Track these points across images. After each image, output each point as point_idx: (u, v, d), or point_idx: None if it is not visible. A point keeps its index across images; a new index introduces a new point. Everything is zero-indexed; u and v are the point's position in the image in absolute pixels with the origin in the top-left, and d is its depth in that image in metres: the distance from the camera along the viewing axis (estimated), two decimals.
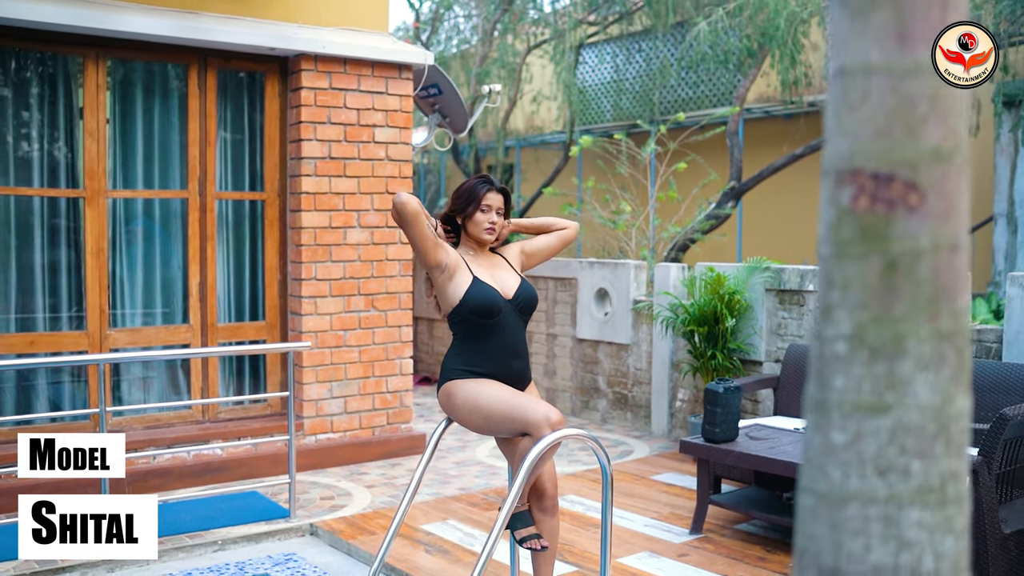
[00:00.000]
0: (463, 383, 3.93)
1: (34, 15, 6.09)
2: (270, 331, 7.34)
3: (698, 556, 5.28)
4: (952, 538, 1.10)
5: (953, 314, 1.10)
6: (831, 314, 1.13)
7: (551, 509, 3.97)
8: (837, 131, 1.10)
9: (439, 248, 3.90)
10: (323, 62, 7.14)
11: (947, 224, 1.09)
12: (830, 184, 1.12)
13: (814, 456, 1.14)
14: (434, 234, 3.89)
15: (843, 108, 1.10)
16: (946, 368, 1.10)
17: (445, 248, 3.94)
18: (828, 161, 1.11)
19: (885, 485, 1.10)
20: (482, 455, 7.61)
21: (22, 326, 6.57)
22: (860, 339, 1.12)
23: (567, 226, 4.36)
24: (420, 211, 3.82)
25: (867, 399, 1.11)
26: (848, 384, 1.11)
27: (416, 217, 3.79)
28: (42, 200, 6.65)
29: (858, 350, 1.12)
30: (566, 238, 4.34)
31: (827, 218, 1.13)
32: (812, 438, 1.14)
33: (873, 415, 1.11)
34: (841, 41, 1.10)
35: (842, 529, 1.11)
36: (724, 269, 7.58)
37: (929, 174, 1.07)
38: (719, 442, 5.55)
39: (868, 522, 1.10)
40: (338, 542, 5.62)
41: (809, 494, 1.16)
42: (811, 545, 1.14)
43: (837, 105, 1.11)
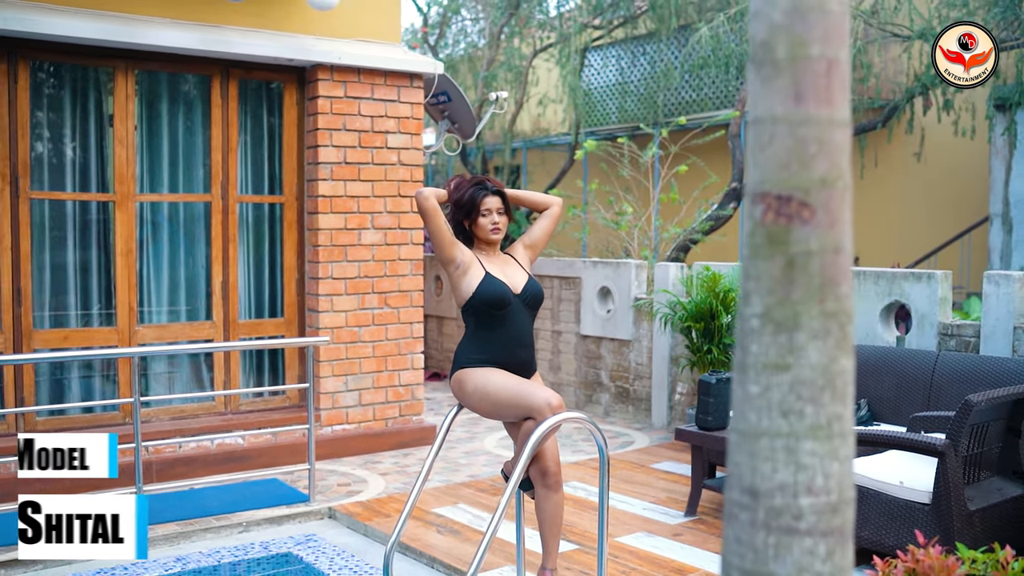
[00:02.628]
0: (473, 371, 4.32)
1: (68, 30, 6.50)
2: (288, 327, 7.74)
3: (691, 536, 5.67)
4: (837, 463, 1.50)
5: (837, 298, 1.50)
6: (748, 298, 1.53)
7: (554, 485, 4.35)
8: (753, 164, 1.50)
9: (455, 246, 4.32)
10: (339, 72, 7.54)
11: (831, 232, 1.49)
12: (748, 203, 1.51)
13: (738, 404, 1.54)
14: (451, 232, 4.32)
15: (756, 147, 1.49)
16: (831, 338, 1.50)
17: (460, 247, 4.35)
18: (748, 186, 1.51)
19: (787, 424, 1.50)
20: (490, 446, 8.01)
21: (56, 323, 6.98)
22: (768, 316, 1.51)
23: (551, 203, 4.68)
24: (437, 209, 4.25)
25: (773, 360, 1.51)
26: (760, 349, 1.51)
27: (432, 213, 4.25)
28: (74, 204, 7.05)
29: (767, 324, 1.51)
30: (555, 216, 4.69)
31: (747, 228, 1.52)
32: (736, 390, 1.54)
33: (778, 372, 1.50)
34: (754, 98, 1.49)
35: (757, 457, 1.51)
36: (720, 268, 7.96)
37: (818, 196, 1.47)
38: (712, 430, 5.93)
39: (775, 451, 1.50)
40: (355, 524, 6.01)
41: (735, 432, 1.56)
42: (736, 470, 1.54)
43: (752, 145, 1.50)
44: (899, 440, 4.90)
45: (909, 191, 13.68)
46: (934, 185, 13.60)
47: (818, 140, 1.46)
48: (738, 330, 1.55)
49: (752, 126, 1.51)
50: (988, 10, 11.15)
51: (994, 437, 5.09)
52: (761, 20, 1.51)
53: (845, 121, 1.50)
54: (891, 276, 6.84)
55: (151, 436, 6.85)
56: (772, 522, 1.50)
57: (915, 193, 13.67)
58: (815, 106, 1.45)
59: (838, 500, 1.51)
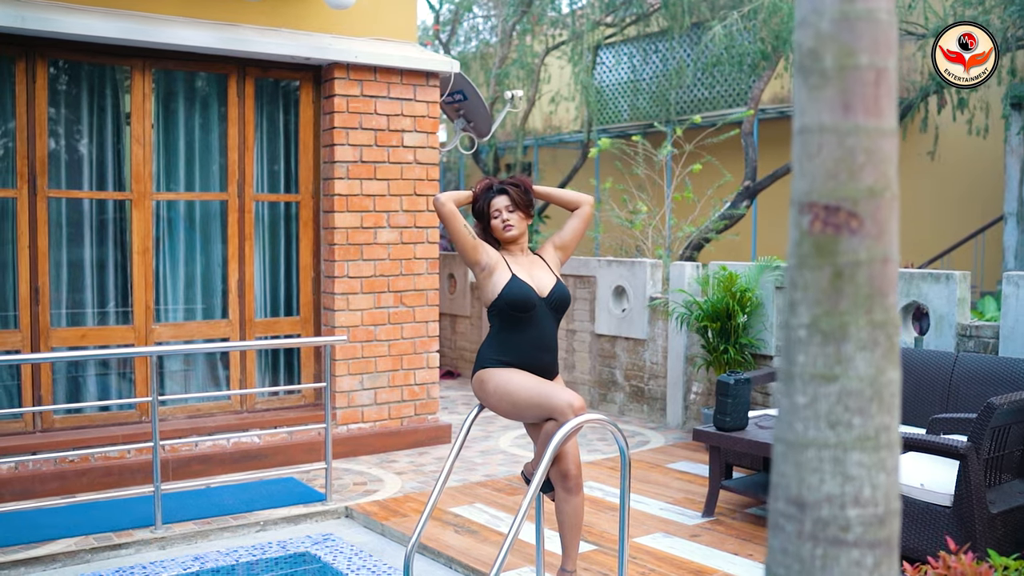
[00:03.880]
0: (495, 371, 4.31)
1: (86, 29, 6.51)
2: (304, 326, 7.75)
3: (709, 537, 5.66)
4: (884, 475, 1.49)
5: (884, 308, 1.50)
6: (795, 308, 1.53)
7: (575, 488, 4.34)
8: (800, 173, 1.49)
9: (478, 249, 4.31)
10: (355, 71, 7.54)
11: (879, 242, 1.48)
12: (795, 212, 1.51)
13: (784, 414, 1.53)
14: (473, 235, 4.31)
15: (803, 157, 1.48)
16: (879, 348, 1.50)
17: (485, 249, 4.35)
18: (794, 195, 1.50)
19: (834, 435, 1.49)
20: (505, 445, 8.01)
21: (73, 321, 6.99)
22: (815, 327, 1.51)
23: (581, 201, 4.64)
24: (455, 213, 4.25)
25: (821, 371, 1.50)
26: (807, 360, 1.51)
27: (451, 217, 4.25)
28: (91, 202, 7.07)
29: (814, 335, 1.51)
30: (585, 216, 4.64)
31: (792, 237, 1.52)
32: (782, 400, 1.54)
33: (825, 383, 1.50)
34: (801, 107, 1.48)
35: (804, 468, 1.50)
36: (736, 268, 7.95)
37: (866, 206, 1.47)
38: (730, 430, 5.92)
39: (822, 462, 1.50)
40: (372, 523, 6.01)
41: (781, 442, 1.55)
42: (782, 480, 1.54)
43: (799, 155, 1.50)
44: (921, 443, 4.88)
45: (922, 190, 13.65)
46: (948, 184, 13.56)
47: (866, 150, 1.45)
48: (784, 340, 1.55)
49: (799, 135, 1.50)
50: (1004, 8, 11.10)
51: (1015, 440, 5.07)
52: (808, 28, 1.50)
53: (893, 130, 1.49)
54: (909, 277, 6.81)
55: (168, 434, 6.86)
56: (819, 533, 1.49)
57: (929, 192, 13.63)
58: (864, 116, 1.44)
59: (885, 511, 1.50)
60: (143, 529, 5.78)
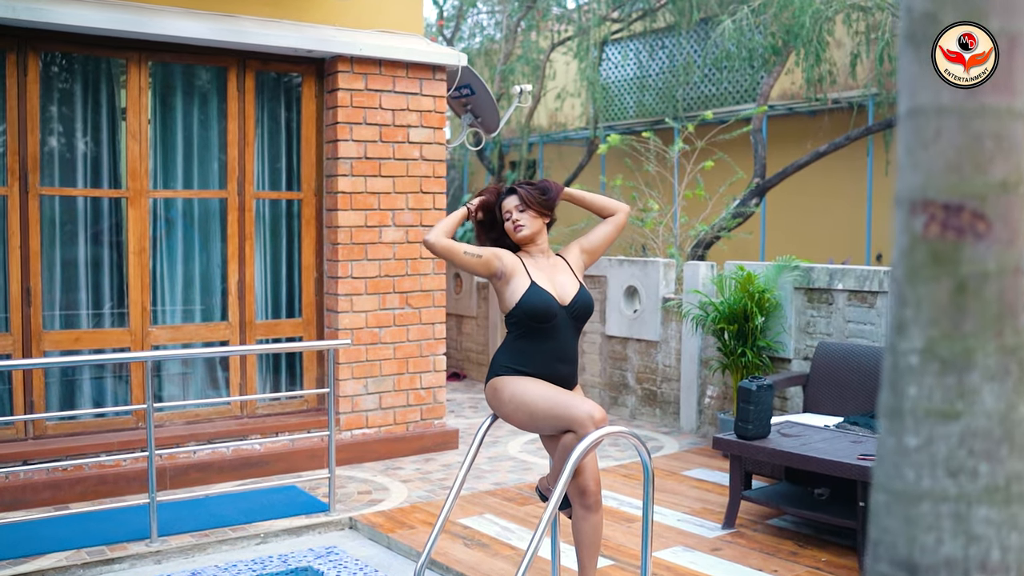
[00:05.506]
0: (510, 379, 4.05)
1: (79, 20, 6.24)
2: (307, 328, 7.49)
3: (731, 551, 5.40)
4: (1017, 533, 1.22)
5: (1016, 331, 1.22)
6: (904, 330, 1.25)
7: (594, 506, 4.08)
8: (910, 165, 1.22)
9: (490, 262, 4.05)
10: (359, 64, 7.27)
11: (1012, 249, 1.21)
12: (904, 213, 1.24)
13: (888, 457, 1.26)
14: (477, 254, 4.03)
15: (916, 144, 1.21)
16: (1010, 379, 1.23)
17: (497, 256, 4.07)
18: (902, 192, 1.23)
19: (955, 485, 1.22)
20: (514, 450, 7.74)
21: (67, 323, 6.73)
22: (931, 352, 1.24)
23: (618, 210, 4.36)
24: (449, 248, 4.01)
25: (938, 406, 1.23)
26: (920, 393, 1.23)
27: (447, 253, 4.03)
28: (86, 200, 6.80)
29: (929, 362, 1.24)
30: (620, 224, 4.36)
31: (901, 243, 1.25)
32: (886, 440, 1.26)
33: (944, 421, 1.23)
34: (912, 84, 1.22)
35: (916, 524, 1.23)
36: (754, 268, 7.68)
37: (996, 205, 1.20)
38: (752, 439, 5.65)
39: (940, 518, 1.22)
40: (377, 535, 5.76)
41: (883, 491, 1.28)
42: (885, 537, 1.27)
43: (910, 142, 1.23)
44: None
45: None
46: None
47: (996, 135, 1.19)
48: (889, 368, 1.28)
49: (909, 119, 1.23)
50: None
51: None
52: None
53: None
54: None
55: (165, 441, 6.61)
56: None
57: None
58: (993, 94, 1.18)
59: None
60: (138, 542, 5.53)
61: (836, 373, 6.51)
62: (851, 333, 7.02)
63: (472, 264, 4.07)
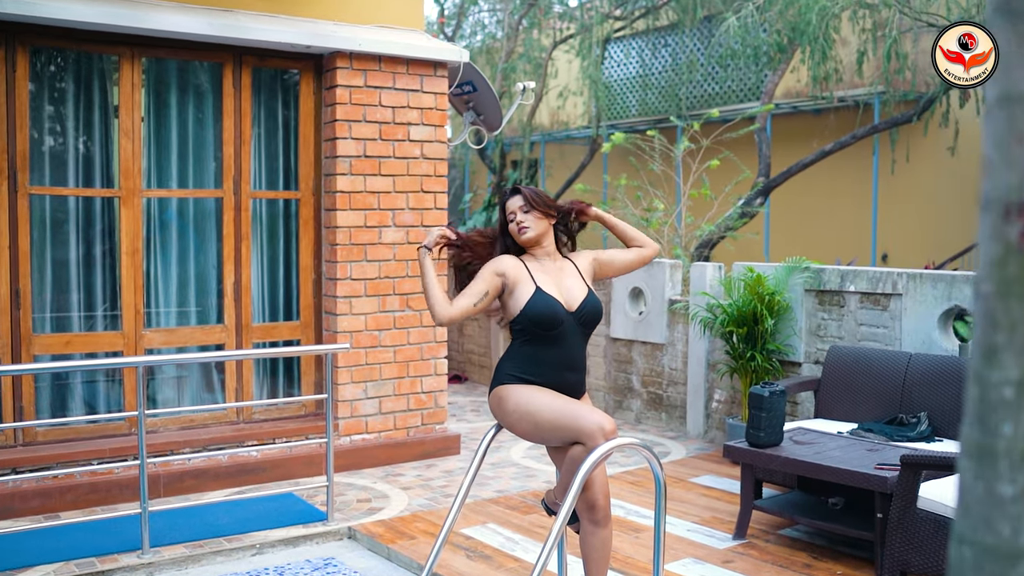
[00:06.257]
0: (515, 388, 3.86)
1: (70, 14, 6.05)
2: (305, 331, 7.30)
3: (744, 563, 5.21)
4: None
5: None
6: (996, 357, 1.06)
7: (603, 520, 3.89)
8: (1003, 162, 1.03)
9: (495, 289, 3.87)
10: (358, 60, 7.08)
11: None
12: (994, 218, 1.05)
13: (975, 506, 1.07)
14: (482, 294, 3.84)
15: (1011, 138, 1.03)
16: None
17: (496, 274, 3.86)
18: (991, 193, 1.04)
19: None
20: (517, 456, 7.55)
21: (58, 326, 6.55)
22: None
23: (647, 245, 4.22)
24: (461, 312, 3.83)
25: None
26: (1018, 432, 1.04)
27: (463, 317, 3.88)
28: (77, 200, 6.62)
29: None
30: (644, 258, 4.22)
31: (990, 253, 1.06)
32: (972, 486, 1.07)
33: None
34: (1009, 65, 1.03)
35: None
36: (763, 269, 7.50)
37: None
38: (764, 446, 5.46)
39: None
40: (377, 546, 5.57)
41: (969, 546, 1.09)
42: None
43: (1002, 134, 1.04)
44: None
45: (942, 186, 13.18)
46: (968, 180, 13.08)
47: None
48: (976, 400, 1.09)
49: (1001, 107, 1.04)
50: None
51: None
52: None
53: None
54: (950, 279, 6.37)
55: (159, 447, 6.43)
56: None
57: (949, 189, 13.16)
58: None
59: None
60: (129, 554, 5.34)
61: (848, 377, 6.32)
62: (863, 336, 6.84)
63: (487, 304, 3.88)
